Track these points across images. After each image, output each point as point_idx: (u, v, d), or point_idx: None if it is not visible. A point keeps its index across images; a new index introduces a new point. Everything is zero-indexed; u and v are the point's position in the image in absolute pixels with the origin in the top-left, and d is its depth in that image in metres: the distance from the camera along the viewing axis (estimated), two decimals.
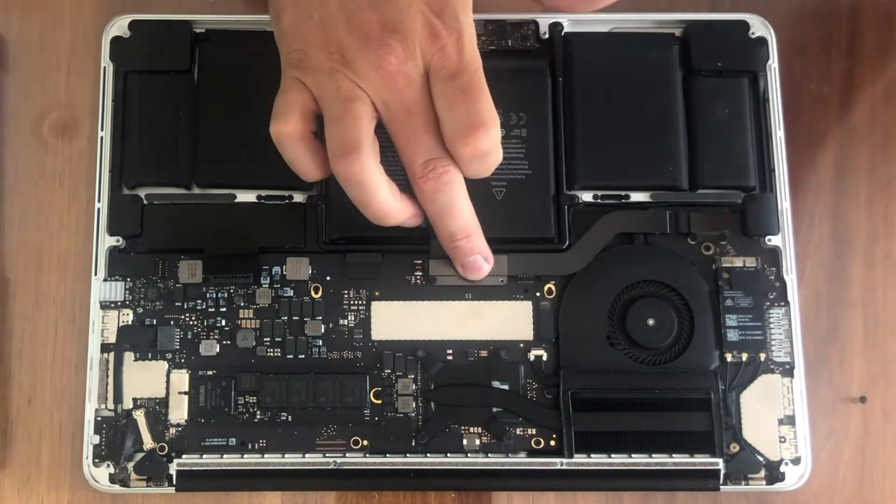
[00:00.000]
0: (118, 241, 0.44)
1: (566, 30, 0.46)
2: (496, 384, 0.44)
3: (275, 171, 0.41)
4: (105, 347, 0.43)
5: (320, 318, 0.44)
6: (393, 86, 0.37)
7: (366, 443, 0.43)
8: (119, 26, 0.46)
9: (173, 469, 0.42)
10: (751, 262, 0.44)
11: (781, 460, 0.43)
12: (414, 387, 0.43)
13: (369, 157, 0.37)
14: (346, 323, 0.44)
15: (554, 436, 0.43)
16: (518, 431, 0.43)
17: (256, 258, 0.44)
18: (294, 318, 0.44)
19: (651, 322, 0.44)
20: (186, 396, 0.43)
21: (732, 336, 0.44)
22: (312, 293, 0.44)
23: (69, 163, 0.47)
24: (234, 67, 0.45)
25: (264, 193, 0.45)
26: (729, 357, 0.43)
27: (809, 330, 0.45)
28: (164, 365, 0.43)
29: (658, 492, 0.44)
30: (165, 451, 0.43)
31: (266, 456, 0.43)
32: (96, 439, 0.43)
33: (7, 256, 0.46)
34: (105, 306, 0.44)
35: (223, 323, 0.44)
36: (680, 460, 0.42)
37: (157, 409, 0.43)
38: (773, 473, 0.43)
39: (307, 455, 0.43)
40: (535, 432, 0.43)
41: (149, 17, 0.46)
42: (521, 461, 0.43)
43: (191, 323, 0.44)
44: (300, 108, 0.38)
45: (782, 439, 0.43)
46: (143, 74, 0.46)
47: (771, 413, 0.43)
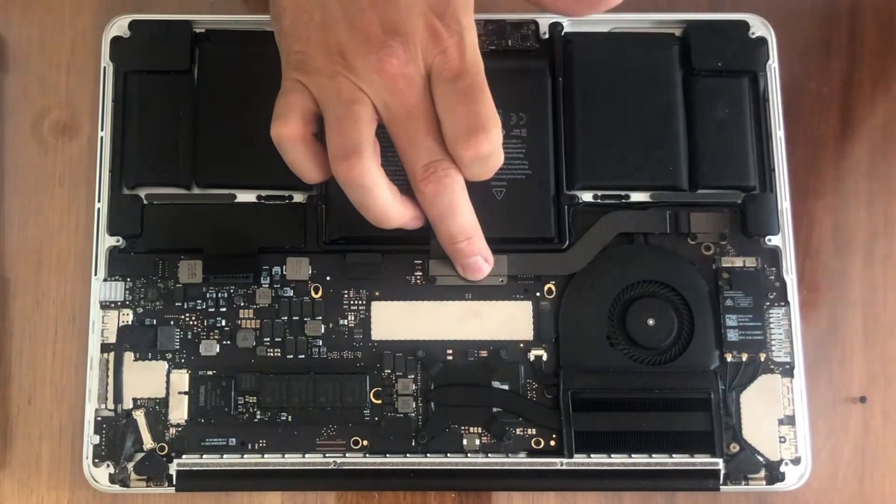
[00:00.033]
0: (118, 241, 0.44)
1: (566, 30, 0.46)
2: (496, 384, 0.44)
3: (275, 171, 0.41)
4: (105, 347, 0.43)
5: (320, 318, 0.44)
6: (394, 88, 0.37)
7: (366, 443, 0.43)
8: (119, 26, 0.46)
9: (173, 469, 0.42)
10: (751, 262, 0.44)
11: (781, 460, 0.43)
12: (414, 387, 0.43)
13: (370, 160, 0.37)
14: (346, 323, 0.44)
15: (554, 436, 0.43)
16: (518, 431, 0.43)
17: (256, 258, 0.44)
18: (294, 318, 0.44)
19: (651, 322, 0.44)
20: (186, 396, 0.43)
21: (732, 336, 0.44)
22: (312, 293, 0.44)
23: (69, 163, 0.47)
24: (234, 67, 0.45)
25: (264, 193, 0.45)
26: (729, 357, 0.43)
27: (809, 330, 0.45)
28: (164, 365, 0.43)
29: (658, 492, 0.44)
30: (165, 451, 0.43)
31: (266, 456, 0.43)
32: (96, 439, 0.43)
33: (7, 256, 0.46)
34: (105, 306, 0.44)
35: (223, 323, 0.44)
36: (680, 460, 0.42)
37: (157, 409, 0.43)
38: (773, 473, 0.43)
39: (307, 455, 0.43)
40: (535, 432, 0.43)
41: (149, 17, 0.46)
42: (521, 461, 0.43)
43: (191, 323, 0.44)
44: (301, 109, 0.38)
45: (782, 439, 0.43)
46: (143, 74, 0.45)
47: (771, 413, 0.43)
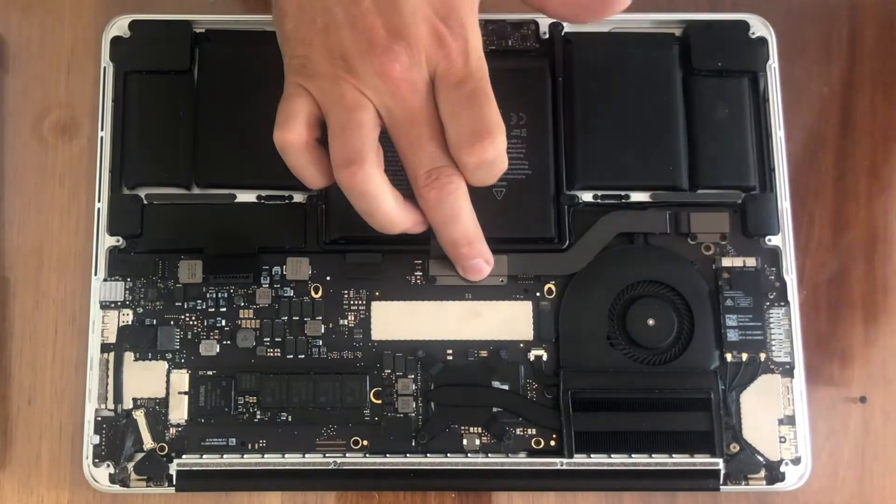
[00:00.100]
0: (118, 241, 0.44)
1: (566, 30, 0.46)
2: (496, 384, 0.44)
3: (275, 171, 0.40)
4: (105, 347, 0.43)
5: (320, 318, 0.44)
6: (397, 93, 0.36)
7: (366, 443, 0.43)
8: (119, 26, 0.46)
9: (173, 469, 0.42)
10: (751, 262, 0.44)
11: (781, 460, 0.43)
12: (414, 387, 0.43)
13: (373, 167, 0.37)
14: (346, 323, 0.44)
15: (554, 436, 0.43)
16: (518, 431, 0.43)
17: (256, 258, 0.44)
18: (294, 318, 0.44)
19: (651, 322, 0.44)
20: (186, 396, 0.43)
21: (732, 336, 0.44)
22: (312, 293, 0.44)
23: (69, 163, 0.47)
24: (234, 67, 0.45)
25: (264, 193, 0.45)
26: (729, 357, 0.43)
27: (809, 330, 0.45)
28: (164, 365, 0.43)
29: (658, 492, 0.44)
30: (165, 451, 0.43)
31: (266, 456, 0.43)
32: (96, 439, 0.43)
33: (7, 256, 0.46)
34: (105, 306, 0.44)
35: (223, 323, 0.44)
36: (680, 460, 0.42)
37: (157, 409, 0.43)
38: (773, 473, 0.43)
39: (307, 455, 0.43)
40: (535, 432, 0.43)
41: (149, 17, 0.46)
42: (521, 461, 0.43)
43: (191, 323, 0.44)
44: (304, 115, 0.37)
45: (782, 439, 0.43)
46: (143, 74, 0.45)
47: (771, 413, 0.43)
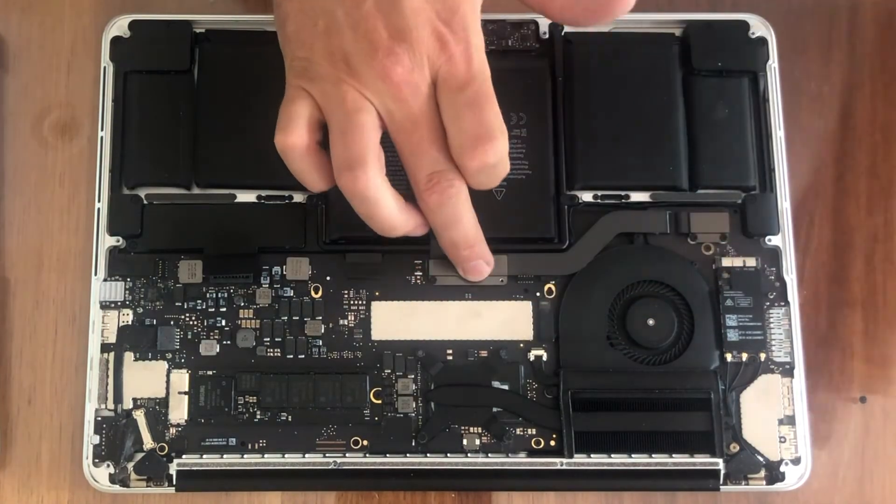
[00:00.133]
0: (118, 241, 0.44)
1: (566, 30, 0.46)
2: (496, 384, 0.44)
3: (275, 171, 0.40)
4: (105, 347, 0.43)
5: (320, 318, 0.44)
6: (399, 95, 0.36)
7: (366, 443, 0.43)
8: (119, 26, 0.46)
9: (173, 469, 0.42)
10: (751, 262, 0.44)
11: (781, 460, 0.43)
12: (414, 387, 0.43)
13: (374, 171, 0.36)
14: (346, 323, 0.44)
15: (554, 436, 0.43)
16: (518, 431, 0.43)
17: (256, 258, 0.44)
18: (294, 318, 0.44)
19: (651, 322, 0.44)
20: (186, 396, 0.43)
21: (732, 336, 0.44)
22: (312, 293, 0.44)
23: (69, 163, 0.47)
24: (234, 67, 0.45)
25: (264, 193, 0.45)
26: (729, 357, 0.43)
27: (809, 330, 0.45)
28: (164, 365, 0.43)
29: (658, 492, 0.44)
30: (165, 451, 0.43)
31: (266, 456, 0.43)
32: (96, 439, 0.43)
33: (7, 256, 0.46)
34: (105, 306, 0.44)
35: (223, 323, 0.44)
36: (680, 460, 0.42)
37: (157, 409, 0.43)
38: (773, 473, 0.43)
39: (307, 455, 0.43)
40: (535, 432, 0.43)
41: (149, 17, 0.46)
42: (521, 461, 0.43)
43: (191, 323, 0.44)
44: (306, 118, 0.37)
45: (782, 439, 0.43)
46: (143, 74, 0.45)
47: (771, 413, 0.43)
